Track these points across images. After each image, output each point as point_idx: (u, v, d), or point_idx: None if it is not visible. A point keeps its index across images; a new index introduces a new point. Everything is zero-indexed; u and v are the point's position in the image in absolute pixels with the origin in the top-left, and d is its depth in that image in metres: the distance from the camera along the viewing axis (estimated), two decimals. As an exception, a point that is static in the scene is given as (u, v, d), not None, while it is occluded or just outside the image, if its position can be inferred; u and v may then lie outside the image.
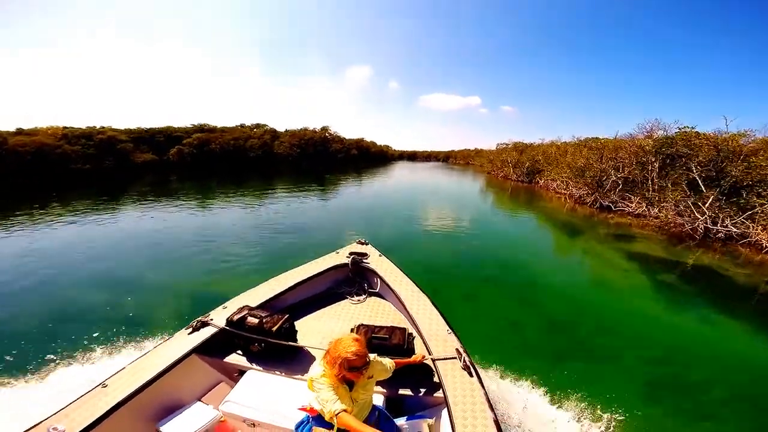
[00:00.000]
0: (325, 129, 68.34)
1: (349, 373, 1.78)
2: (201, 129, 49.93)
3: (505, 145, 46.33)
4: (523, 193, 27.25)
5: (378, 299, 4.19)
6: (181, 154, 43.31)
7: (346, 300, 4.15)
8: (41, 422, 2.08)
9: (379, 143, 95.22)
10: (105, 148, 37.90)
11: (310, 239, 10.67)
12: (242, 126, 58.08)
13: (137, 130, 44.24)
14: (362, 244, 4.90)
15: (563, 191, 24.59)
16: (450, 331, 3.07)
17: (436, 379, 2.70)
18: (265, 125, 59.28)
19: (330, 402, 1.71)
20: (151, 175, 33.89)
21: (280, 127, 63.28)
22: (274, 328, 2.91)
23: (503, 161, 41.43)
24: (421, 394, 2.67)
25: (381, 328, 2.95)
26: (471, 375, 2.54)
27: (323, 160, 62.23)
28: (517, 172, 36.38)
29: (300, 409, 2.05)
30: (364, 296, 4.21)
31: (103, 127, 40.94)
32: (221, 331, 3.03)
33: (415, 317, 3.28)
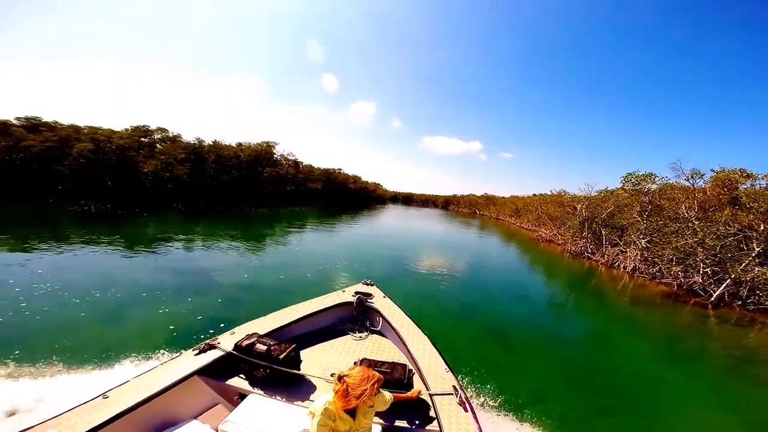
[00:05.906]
0: (269, 145, 49.51)
1: (357, 400, 1.90)
2: (31, 125, 31.65)
3: (629, 187, 21.97)
4: None
5: (379, 337, 4.30)
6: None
7: (348, 336, 4.23)
8: (36, 425, 2.08)
9: (368, 179, 76.68)
10: None
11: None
12: (131, 128, 39.33)
13: None
14: (368, 285, 5.13)
15: None
16: (447, 369, 3.23)
17: (432, 413, 2.79)
18: (166, 130, 40.32)
19: None
20: None
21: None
22: (281, 356, 3.04)
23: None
24: (416, 427, 2.73)
25: (383, 363, 3.11)
26: (466, 410, 2.68)
27: (253, 192, 43.09)
28: None
29: None
30: (366, 334, 4.31)
31: None
32: (227, 354, 3.15)
33: (415, 355, 3.45)
